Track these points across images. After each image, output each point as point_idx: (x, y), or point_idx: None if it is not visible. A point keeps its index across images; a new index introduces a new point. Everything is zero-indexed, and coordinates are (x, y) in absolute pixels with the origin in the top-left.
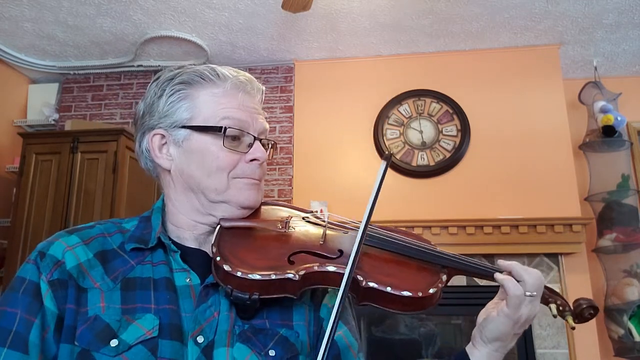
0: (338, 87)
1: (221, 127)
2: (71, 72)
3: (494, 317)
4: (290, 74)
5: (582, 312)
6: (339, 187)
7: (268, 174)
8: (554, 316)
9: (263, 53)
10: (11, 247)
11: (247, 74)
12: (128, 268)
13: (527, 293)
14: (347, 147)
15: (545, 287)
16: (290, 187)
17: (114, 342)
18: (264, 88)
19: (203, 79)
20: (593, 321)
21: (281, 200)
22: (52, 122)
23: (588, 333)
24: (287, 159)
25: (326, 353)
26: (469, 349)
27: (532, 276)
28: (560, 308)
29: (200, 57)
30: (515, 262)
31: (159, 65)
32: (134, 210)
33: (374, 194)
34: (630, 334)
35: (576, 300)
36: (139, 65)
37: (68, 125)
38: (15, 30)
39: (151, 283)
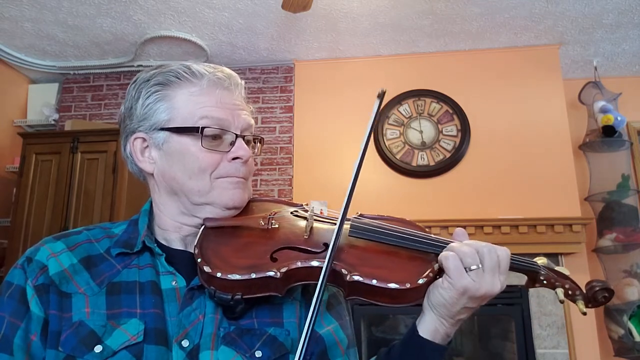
0: (338, 87)
1: (198, 128)
2: (71, 72)
3: (439, 282)
4: (290, 74)
5: (595, 296)
6: (339, 187)
7: (268, 174)
8: (561, 301)
9: (263, 53)
10: (11, 247)
11: (227, 70)
12: (114, 272)
13: (472, 267)
14: (347, 147)
15: (552, 270)
16: (290, 187)
17: (98, 348)
18: (243, 83)
19: (179, 78)
20: (593, 321)
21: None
22: (52, 122)
23: (588, 333)
24: (287, 159)
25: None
26: (418, 319)
27: (467, 252)
28: (570, 292)
29: (200, 57)
30: (455, 243)
31: None
32: (134, 210)
33: (366, 138)
34: (630, 334)
35: (588, 283)
36: (139, 65)
37: (68, 125)
38: (15, 30)
39: (137, 287)
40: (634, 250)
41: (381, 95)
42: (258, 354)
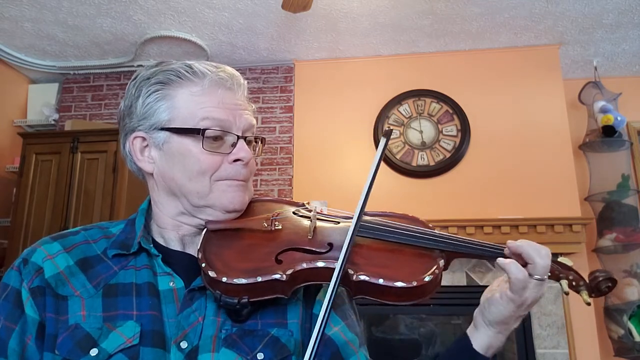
0: (338, 87)
1: (200, 129)
2: (71, 72)
3: (497, 299)
4: (290, 74)
5: (598, 285)
6: (339, 187)
7: (268, 174)
8: (566, 293)
9: (263, 53)
10: (11, 247)
11: (229, 69)
12: (110, 274)
13: (536, 277)
14: (347, 147)
15: (556, 262)
16: (290, 187)
17: (93, 352)
18: (245, 82)
19: (180, 77)
20: (593, 321)
21: None
22: (52, 122)
23: (588, 333)
24: (287, 159)
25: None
26: (470, 331)
27: (544, 258)
28: (574, 283)
29: (200, 57)
30: (525, 242)
31: None
32: (134, 210)
33: (371, 177)
34: (630, 334)
35: (591, 273)
36: (138, 66)
37: (68, 125)
38: (15, 30)
39: (133, 288)
40: (634, 250)
41: (388, 134)
42: (260, 356)
